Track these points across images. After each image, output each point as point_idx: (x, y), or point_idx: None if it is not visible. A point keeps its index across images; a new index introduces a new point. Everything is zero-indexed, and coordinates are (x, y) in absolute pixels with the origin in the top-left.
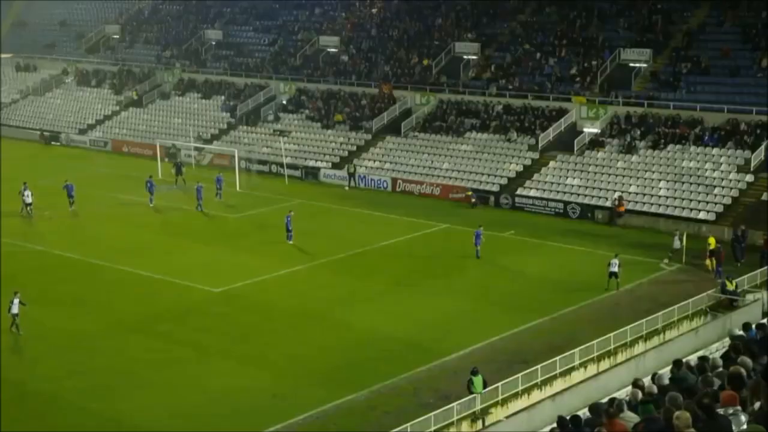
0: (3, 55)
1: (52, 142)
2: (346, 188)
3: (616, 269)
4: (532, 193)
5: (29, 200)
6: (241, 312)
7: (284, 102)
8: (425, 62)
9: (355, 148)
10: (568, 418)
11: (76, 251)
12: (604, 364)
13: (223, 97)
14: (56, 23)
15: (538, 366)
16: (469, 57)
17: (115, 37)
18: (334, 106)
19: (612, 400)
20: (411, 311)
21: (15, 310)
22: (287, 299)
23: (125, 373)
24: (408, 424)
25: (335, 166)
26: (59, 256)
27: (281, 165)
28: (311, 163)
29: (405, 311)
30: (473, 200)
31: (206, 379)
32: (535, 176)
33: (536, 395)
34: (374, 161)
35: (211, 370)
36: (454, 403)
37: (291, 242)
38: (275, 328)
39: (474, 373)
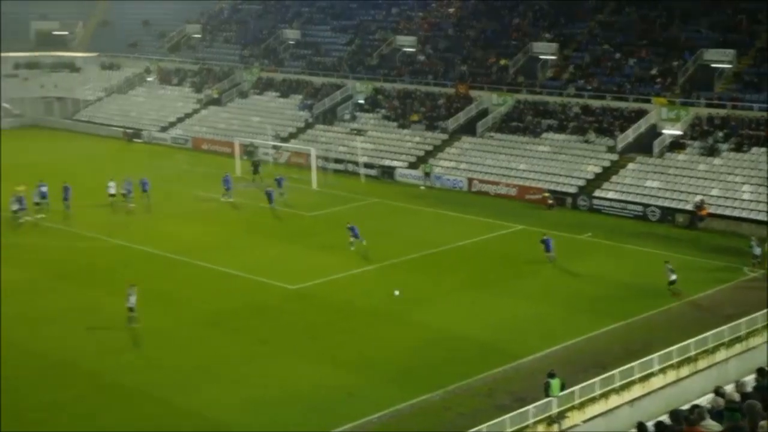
0: (89, 54)
1: (135, 140)
2: (422, 188)
3: (673, 277)
4: (610, 195)
5: (113, 191)
6: (315, 310)
7: (361, 101)
8: (502, 62)
9: (431, 147)
10: (649, 424)
11: (155, 246)
12: (685, 371)
13: (300, 96)
14: (139, 23)
15: (616, 371)
16: (547, 57)
17: (196, 36)
18: (410, 106)
19: (693, 407)
20: (485, 312)
21: (132, 303)
22: (361, 298)
23: (202, 368)
24: (484, 426)
25: (411, 165)
26: (140, 251)
27: (357, 164)
28: (387, 163)
29: (479, 312)
30: (550, 202)
31: (281, 375)
32: (614, 178)
33: (614, 400)
34: (450, 161)
35: (286, 366)
36: (530, 406)
37: (353, 248)
38: (349, 326)
39: (551, 375)
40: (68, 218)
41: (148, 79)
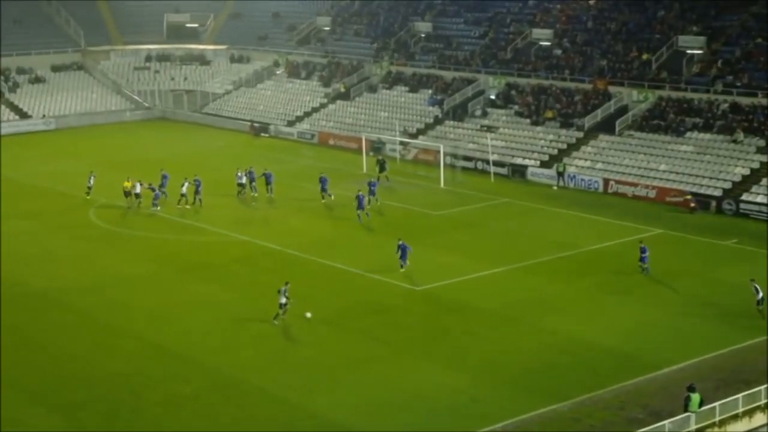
0: (218, 47)
1: (262, 134)
2: (555, 188)
3: (760, 295)
4: (760, 199)
5: (243, 180)
6: (440, 312)
7: (493, 97)
8: (645, 56)
9: (565, 146)
10: None
11: (277, 242)
12: None
13: (430, 91)
14: (269, 15)
15: (761, 387)
16: (693, 51)
17: (325, 29)
18: (544, 102)
19: None
20: (618, 319)
21: (282, 300)
22: (488, 301)
23: (323, 368)
24: None
25: (544, 164)
26: (262, 247)
27: (487, 162)
28: (519, 161)
29: (612, 319)
30: (692, 205)
31: (403, 378)
32: (764, 181)
33: (759, 418)
34: (585, 160)
35: (407, 369)
36: (666, 421)
37: (402, 269)
38: (474, 329)
39: (691, 389)
40: (198, 212)
41: (277, 72)
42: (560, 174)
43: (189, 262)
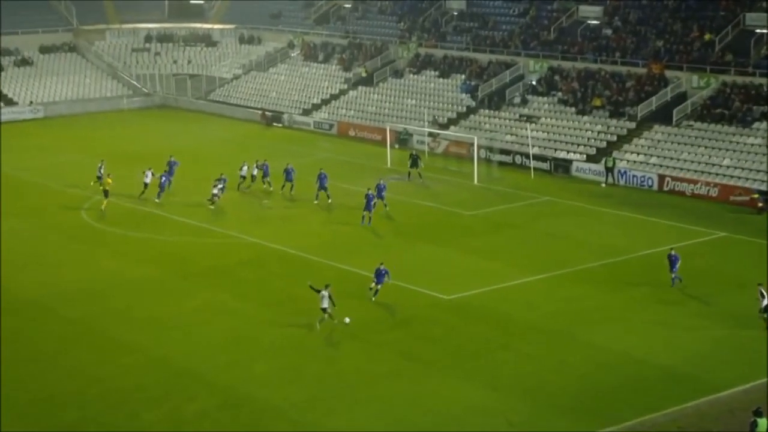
0: (226, 26)
1: (274, 124)
2: (603, 185)
3: (765, 302)
4: None
5: (243, 173)
6: (472, 323)
7: (533, 82)
8: (707, 37)
9: (615, 138)
10: None
11: (290, 244)
12: None
13: (463, 76)
14: None
15: None
16: (763, 31)
17: (346, 6)
18: (592, 89)
19: None
20: (674, 334)
21: (325, 304)
22: (525, 312)
23: (341, 384)
24: None
25: (591, 158)
26: (272, 249)
27: (527, 156)
28: (562, 155)
29: (666, 334)
30: (760, 204)
31: (430, 397)
32: None
33: None
34: (638, 154)
35: (435, 387)
36: None
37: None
38: (510, 344)
39: (758, 414)
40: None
41: (291, 54)
42: (609, 170)
43: (193, 265)
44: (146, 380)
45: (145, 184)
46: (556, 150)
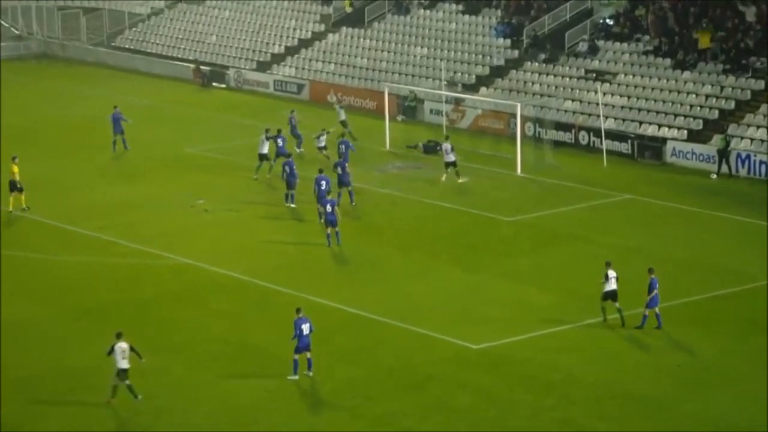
0: None
1: (214, 83)
2: (713, 176)
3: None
4: None
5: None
6: (512, 386)
7: (607, 20)
8: None
9: (731, 105)
10: None
11: (239, 266)
12: None
13: (499, 12)
14: None
15: None
16: None
17: None
18: (693, 29)
19: None
20: None
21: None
22: (596, 369)
23: None
24: None
25: (693, 136)
26: (213, 274)
27: (597, 133)
28: (651, 131)
29: None
30: None
31: None
32: None
33: None
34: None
35: None
36: None
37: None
38: (572, 418)
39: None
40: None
41: None
42: (722, 153)
43: (92, 299)
44: None
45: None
46: (641, 124)
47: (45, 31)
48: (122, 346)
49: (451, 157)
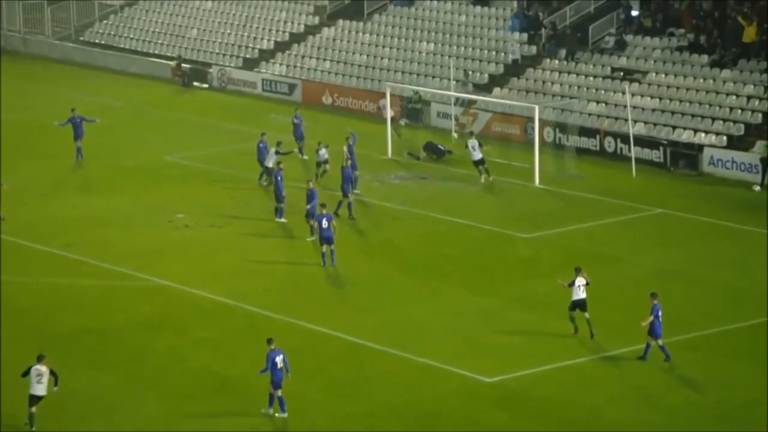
0: None
1: (195, 83)
2: (756, 188)
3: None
4: None
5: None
6: (530, 424)
7: (637, 13)
8: None
9: None
10: None
11: (227, 289)
12: None
13: (514, 4)
14: None
15: None
16: None
17: None
18: (734, 21)
19: None
20: None
21: None
22: (620, 406)
23: None
24: None
25: (734, 143)
26: (195, 298)
27: (625, 139)
28: (686, 137)
29: None
30: None
31: None
32: None
33: None
34: None
35: None
36: None
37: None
38: None
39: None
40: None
41: None
42: (766, 162)
43: (52, 329)
44: None
45: None
46: (674, 129)
47: (4, 24)
48: (40, 369)
49: (478, 155)
